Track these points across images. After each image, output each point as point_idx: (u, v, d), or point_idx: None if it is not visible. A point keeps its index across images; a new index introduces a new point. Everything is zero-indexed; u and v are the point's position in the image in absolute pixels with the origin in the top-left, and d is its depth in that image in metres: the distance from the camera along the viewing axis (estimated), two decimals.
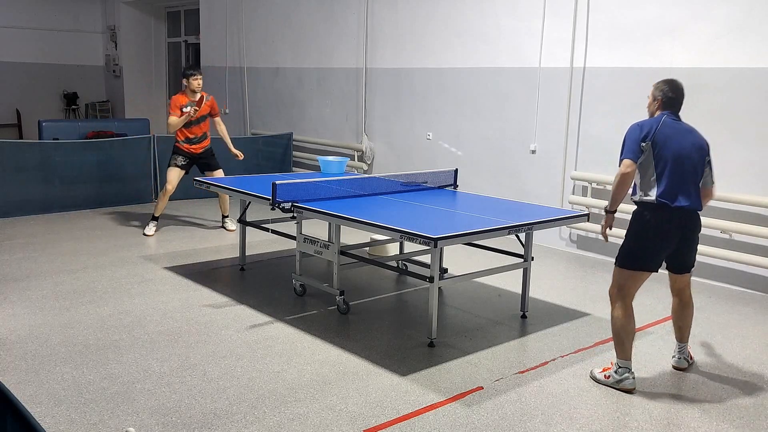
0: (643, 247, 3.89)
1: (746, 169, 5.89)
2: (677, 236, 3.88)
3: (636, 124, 3.89)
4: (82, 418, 3.41)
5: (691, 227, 3.94)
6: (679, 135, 3.84)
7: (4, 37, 13.61)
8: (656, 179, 3.81)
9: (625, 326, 3.90)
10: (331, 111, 10.00)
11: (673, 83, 3.94)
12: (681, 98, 3.94)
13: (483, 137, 7.98)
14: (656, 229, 3.84)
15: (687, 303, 4.19)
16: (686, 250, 4.01)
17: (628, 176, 3.79)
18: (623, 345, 3.92)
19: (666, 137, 3.80)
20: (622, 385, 3.90)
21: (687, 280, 4.14)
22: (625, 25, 6.65)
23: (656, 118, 3.91)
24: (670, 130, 3.83)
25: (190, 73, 7.10)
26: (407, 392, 3.80)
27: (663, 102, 3.92)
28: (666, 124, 3.84)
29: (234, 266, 6.25)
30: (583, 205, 6.97)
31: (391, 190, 5.83)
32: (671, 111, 3.92)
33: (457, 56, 8.16)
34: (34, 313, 4.86)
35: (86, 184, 8.57)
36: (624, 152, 3.83)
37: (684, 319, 4.20)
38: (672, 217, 3.83)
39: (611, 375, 3.94)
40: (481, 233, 4.45)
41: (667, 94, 3.91)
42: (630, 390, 3.89)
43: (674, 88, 3.93)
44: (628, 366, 3.91)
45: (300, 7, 10.29)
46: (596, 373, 4.03)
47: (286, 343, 4.47)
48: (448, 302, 5.44)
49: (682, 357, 4.25)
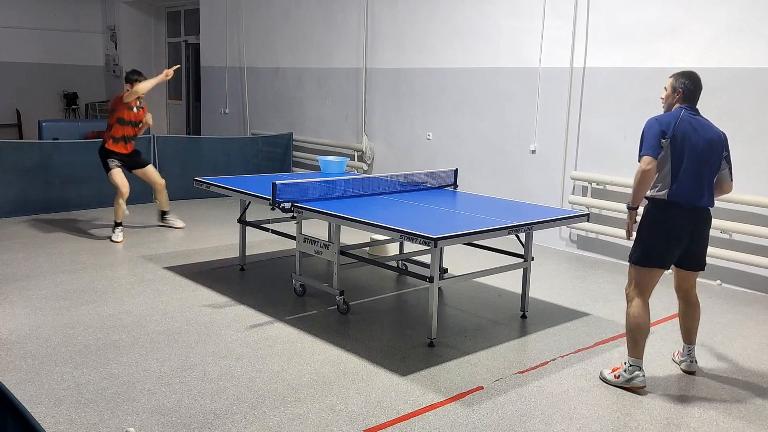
0: (655, 244, 3.86)
1: (746, 169, 5.89)
2: (687, 234, 3.86)
3: (654, 119, 3.82)
4: (82, 418, 3.40)
5: (701, 224, 3.91)
6: (697, 130, 3.78)
7: (4, 37, 13.61)
8: (671, 176, 3.77)
9: (641, 324, 3.87)
10: (331, 111, 10.00)
11: (693, 76, 3.88)
12: (700, 91, 3.89)
13: (483, 137, 7.98)
14: (667, 226, 3.82)
15: (694, 304, 4.15)
16: (698, 247, 3.98)
17: (648, 173, 3.73)
18: (637, 343, 3.88)
19: (684, 133, 3.74)
20: (632, 384, 3.87)
21: (694, 280, 4.10)
22: (625, 25, 6.65)
23: (674, 112, 3.83)
24: (688, 125, 3.77)
25: (134, 78, 6.98)
26: (407, 392, 3.80)
27: (684, 94, 3.84)
28: (684, 119, 3.77)
29: (234, 266, 6.25)
30: (583, 205, 6.97)
31: (391, 190, 5.82)
32: (689, 105, 3.85)
33: (457, 56, 8.16)
34: (34, 313, 4.86)
35: (86, 184, 8.56)
36: (643, 148, 3.76)
37: (692, 319, 4.15)
38: (682, 216, 3.81)
39: (621, 374, 3.91)
40: (481, 233, 4.45)
41: (688, 87, 3.84)
42: (641, 388, 3.86)
43: (695, 80, 3.86)
44: (639, 364, 3.88)
45: (300, 7, 10.29)
46: (606, 374, 4.00)
47: (286, 343, 4.47)
48: (448, 302, 5.44)
49: (691, 360, 4.19)
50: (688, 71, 3.93)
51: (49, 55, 14.32)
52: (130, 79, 7.05)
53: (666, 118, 3.81)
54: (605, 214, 6.91)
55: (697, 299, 4.16)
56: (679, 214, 3.80)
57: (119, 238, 7.07)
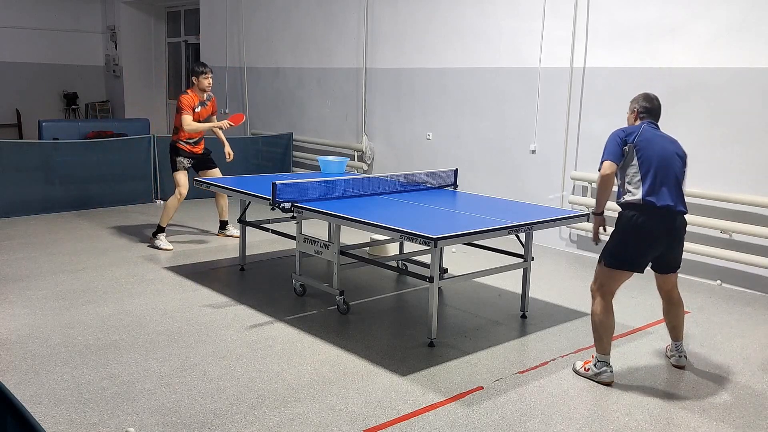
0: (627, 247, 3.97)
1: (746, 169, 5.89)
2: (665, 240, 3.95)
3: (618, 129, 4.05)
4: (82, 418, 3.41)
5: (678, 230, 4.00)
6: (660, 140, 3.99)
7: (4, 37, 13.61)
8: (641, 180, 3.90)
9: (604, 322, 4.00)
10: (331, 111, 10.00)
11: (647, 96, 4.15)
12: (657, 108, 4.12)
13: (483, 137, 7.98)
14: (642, 230, 3.90)
15: (677, 303, 4.25)
16: (673, 253, 4.08)
17: (608, 177, 3.92)
18: (602, 340, 4.02)
19: (648, 140, 3.94)
20: (600, 378, 4.00)
21: (674, 280, 4.20)
22: (625, 25, 6.65)
23: (637, 125, 4.07)
24: (651, 134, 3.98)
25: (200, 70, 6.65)
26: (407, 392, 3.80)
27: (639, 113, 4.11)
28: (646, 130, 3.99)
29: (234, 266, 6.25)
30: (583, 205, 6.97)
31: (391, 190, 5.83)
32: (650, 120, 4.07)
33: (457, 56, 8.16)
34: (34, 313, 4.86)
35: (86, 184, 8.57)
36: (605, 154, 3.97)
37: (676, 318, 4.27)
38: (659, 218, 3.89)
39: (590, 368, 4.05)
40: (481, 233, 4.45)
41: (643, 105, 4.11)
42: (608, 383, 3.99)
43: (648, 99, 4.13)
44: (607, 360, 4.02)
45: (300, 7, 10.29)
46: (577, 367, 4.14)
47: (286, 343, 4.47)
48: (448, 302, 5.44)
49: (680, 355, 4.30)
50: (645, 93, 4.20)
51: (49, 55, 14.31)
52: (195, 72, 6.70)
53: (629, 128, 4.07)
54: (605, 214, 6.88)
55: (679, 297, 4.25)
56: (655, 217, 3.89)
57: (167, 246, 6.71)
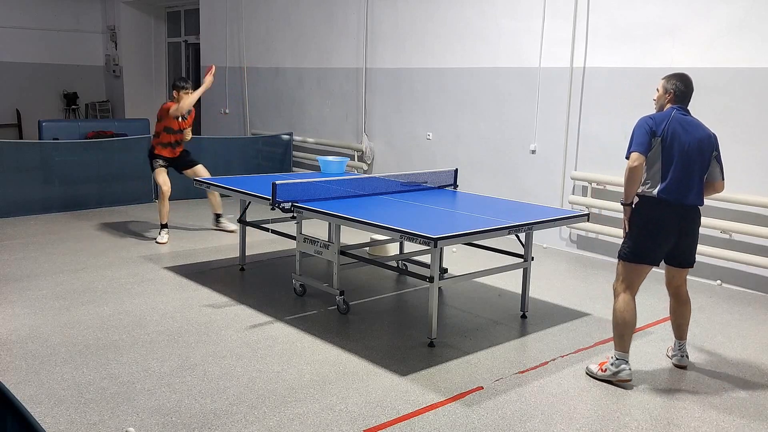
0: (644, 240, 3.93)
1: (746, 169, 5.89)
2: (675, 231, 3.93)
3: (646, 117, 3.90)
4: (82, 418, 3.41)
5: (690, 221, 3.98)
6: (687, 130, 3.87)
7: (4, 37, 13.61)
8: (661, 174, 3.85)
9: (627, 319, 3.94)
10: (331, 111, 10.00)
11: (684, 77, 3.97)
12: (691, 93, 3.98)
13: (483, 137, 7.98)
14: (656, 223, 3.90)
15: (685, 301, 4.22)
16: (686, 245, 4.04)
17: (636, 169, 3.81)
18: (623, 337, 3.96)
19: (675, 132, 3.83)
20: (618, 377, 3.93)
21: (684, 277, 4.18)
22: (625, 25, 6.65)
23: (666, 112, 3.92)
24: (679, 125, 3.85)
25: (181, 85, 6.96)
26: (407, 392, 3.80)
27: (675, 95, 3.94)
28: (676, 119, 3.86)
29: (234, 266, 6.25)
30: (583, 205, 6.97)
31: (391, 190, 5.82)
32: (681, 105, 3.94)
33: (457, 56, 8.16)
34: (34, 313, 4.86)
35: (86, 184, 8.57)
36: (633, 145, 3.84)
37: (682, 316, 4.24)
38: (671, 213, 3.88)
39: (608, 368, 3.98)
40: (481, 233, 4.45)
41: (679, 88, 3.94)
42: (627, 381, 3.92)
43: (686, 82, 3.96)
44: (626, 358, 3.96)
45: (300, 7, 10.29)
46: (593, 369, 4.06)
47: (286, 343, 4.47)
48: (448, 302, 5.44)
49: (682, 355, 4.28)
50: (680, 73, 4.01)
51: (50, 55, 14.32)
52: (177, 86, 6.99)
53: (658, 117, 3.90)
54: (605, 214, 6.91)
55: (687, 296, 4.23)
56: (667, 210, 3.87)
57: (164, 240, 7.01)
